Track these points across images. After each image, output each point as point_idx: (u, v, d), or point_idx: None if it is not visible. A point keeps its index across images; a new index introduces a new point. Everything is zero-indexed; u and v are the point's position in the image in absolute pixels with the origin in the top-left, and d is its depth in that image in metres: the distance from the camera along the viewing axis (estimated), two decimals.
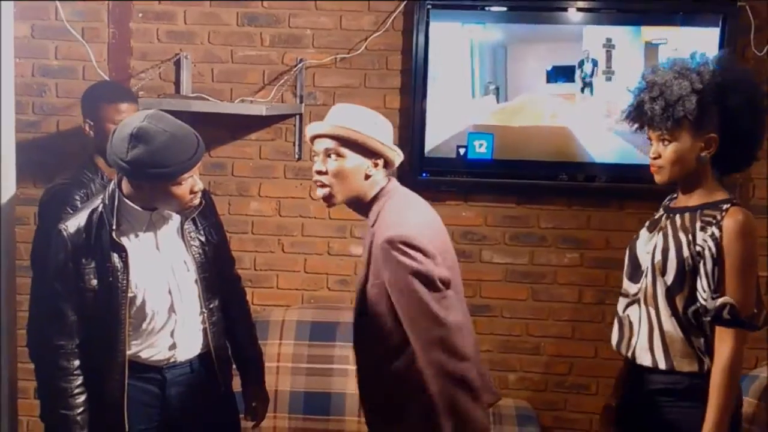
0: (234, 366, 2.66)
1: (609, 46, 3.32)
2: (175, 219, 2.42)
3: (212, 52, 3.52)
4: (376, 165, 2.20)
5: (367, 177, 2.20)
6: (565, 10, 3.36)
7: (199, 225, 2.47)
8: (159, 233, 2.39)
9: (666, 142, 2.25)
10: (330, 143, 2.17)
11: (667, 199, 2.47)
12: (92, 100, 2.93)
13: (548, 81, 3.36)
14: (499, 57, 3.36)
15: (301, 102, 3.48)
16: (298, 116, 3.50)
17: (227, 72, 3.53)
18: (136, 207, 2.33)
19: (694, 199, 2.29)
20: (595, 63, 3.32)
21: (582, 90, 3.35)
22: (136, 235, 2.36)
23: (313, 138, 2.22)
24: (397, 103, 3.48)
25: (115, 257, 2.30)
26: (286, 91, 3.51)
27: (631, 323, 2.34)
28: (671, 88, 2.21)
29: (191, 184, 2.29)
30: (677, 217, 2.29)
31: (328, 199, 2.22)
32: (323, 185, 2.21)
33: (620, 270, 2.45)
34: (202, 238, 2.47)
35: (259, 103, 3.42)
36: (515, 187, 3.46)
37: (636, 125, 2.35)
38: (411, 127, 3.41)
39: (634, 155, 3.33)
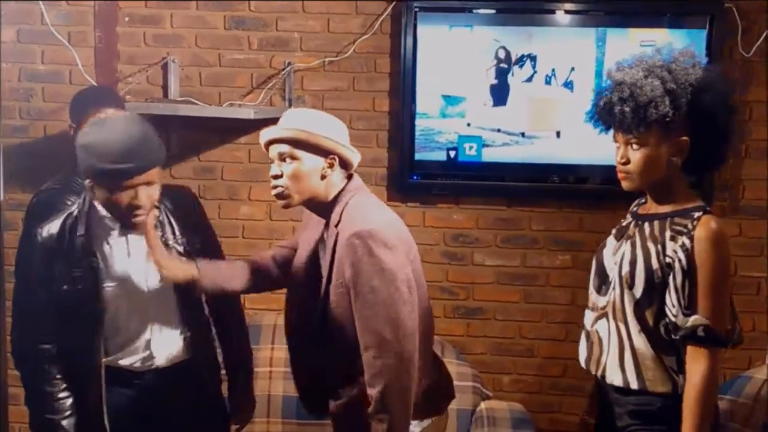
0: (222, 371, 2.63)
1: None
2: None
3: (200, 56, 3.50)
4: (331, 165, 2.20)
5: (323, 177, 2.20)
6: (552, 12, 3.35)
7: (176, 232, 2.41)
8: (131, 240, 2.33)
9: (635, 146, 2.11)
10: (284, 147, 2.18)
11: (635, 204, 2.35)
12: (77, 104, 2.90)
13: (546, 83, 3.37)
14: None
15: (289, 105, 3.45)
16: None
17: (215, 75, 3.50)
18: (107, 213, 2.29)
19: (665, 207, 2.17)
20: None
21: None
22: (107, 242, 2.32)
23: (267, 144, 2.23)
24: (386, 106, 3.46)
25: (86, 263, 2.28)
26: (275, 94, 3.48)
27: (600, 339, 2.24)
28: (642, 88, 2.06)
29: (131, 196, 2.19)
30: (646, 226, 2.17)
31: (285, 199, 2.21)
32: (279, 186, 2.21)
33: None
34: (180, 247, 2.40)
35: (247, 107, 3.40)
36: (506, 189, 3.46)
37: (601, 127, 2.21)
38: (400, 129, 3.40)
39: None
